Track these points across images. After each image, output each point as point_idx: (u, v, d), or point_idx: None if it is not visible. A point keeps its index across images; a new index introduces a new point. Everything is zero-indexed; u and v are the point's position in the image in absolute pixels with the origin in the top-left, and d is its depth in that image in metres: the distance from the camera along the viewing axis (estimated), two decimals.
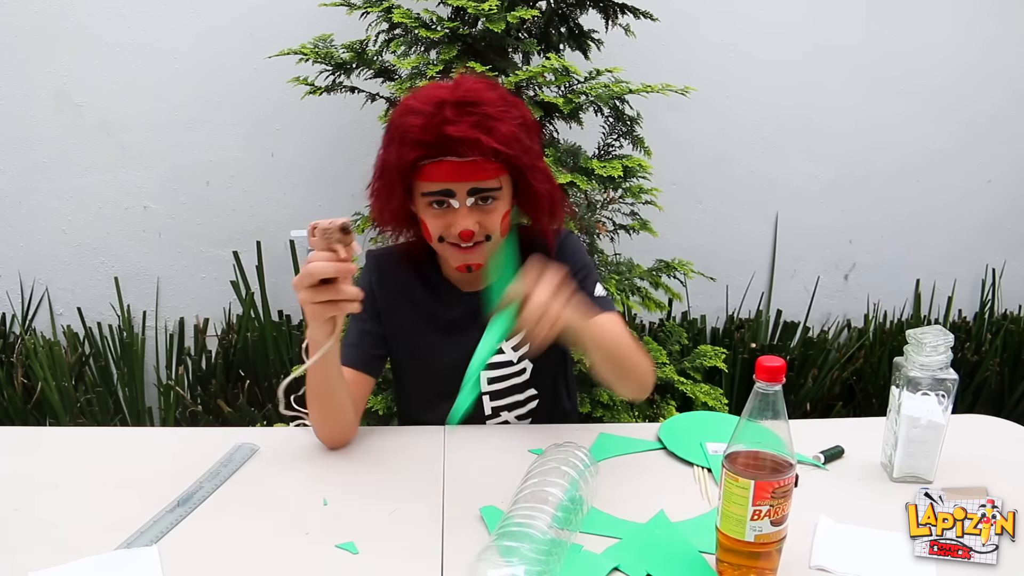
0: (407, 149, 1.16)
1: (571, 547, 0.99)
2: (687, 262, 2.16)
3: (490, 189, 1.18)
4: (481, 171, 1.16)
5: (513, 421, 1.38)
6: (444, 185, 1.17)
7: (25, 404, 2.31)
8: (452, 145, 1.13)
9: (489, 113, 1.14)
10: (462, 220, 1.18)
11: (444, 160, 1.15)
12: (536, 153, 1.21)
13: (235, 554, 0.98)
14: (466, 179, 1.16)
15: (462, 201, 1.18)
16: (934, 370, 1.10)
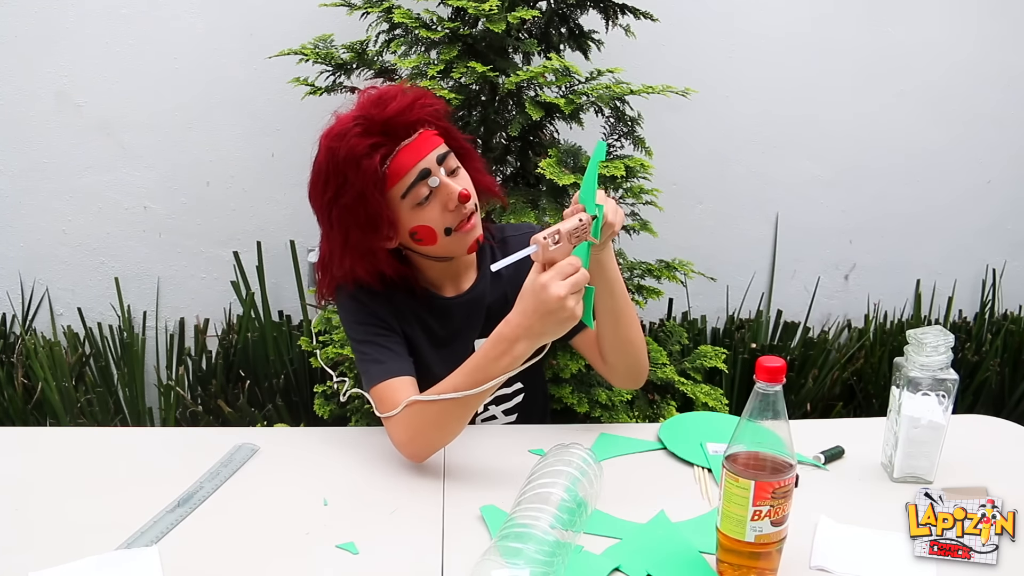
0: (366, 162, 1.13)
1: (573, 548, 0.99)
2: (687, 262, 2.16)
3: (447, 152, 1.19)
4: (430, 141, 1.17)
5: (500, 416, 1.38)
6: (417, 167, 1.15)
7: (25, 404, 2.31)
8: (395, 127, 1.14)
9: (399, 90, 1.18)
10: (452, 187, 1.17)
11: (399, 147, 1.15)
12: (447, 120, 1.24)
13: (235, 554, 0.98)
14: (427, 151, 1.16)
15: (438, 173, 1.17)
16: (934, 370, 1.10)
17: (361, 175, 1.14)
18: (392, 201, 1.17)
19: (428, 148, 1.17)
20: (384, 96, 1.17)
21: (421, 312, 1.30)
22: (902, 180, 2.72)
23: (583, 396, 1.94)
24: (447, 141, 1.21)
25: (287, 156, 2.47)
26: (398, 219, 1.18)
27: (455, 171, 1.20)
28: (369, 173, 1.13)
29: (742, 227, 2.71)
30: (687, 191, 2.62)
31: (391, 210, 1.17)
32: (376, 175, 1.14)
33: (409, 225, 1.19)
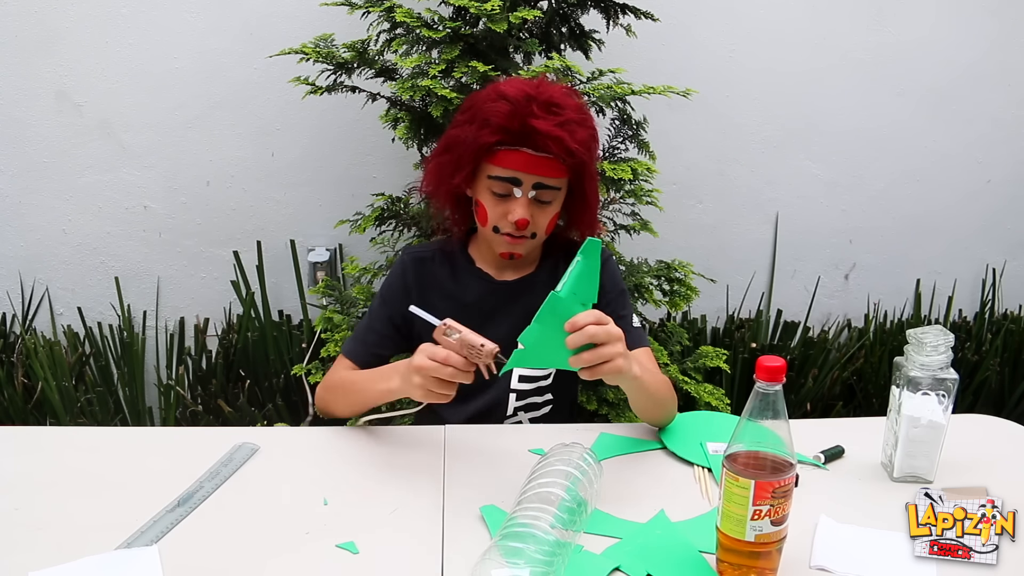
0: (488, 132, 1.22)
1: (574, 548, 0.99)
2: (687, 263, 2.16)
3: (552, 188, 1.25)
4: (551, 168, 1.23)
5: (526, 423, 1.39)
6: (514, 173, 1.23)
7: (25, 404, 2.31)
8: (533, 137, 1.20)
9: (571, 118, 1.21)
10: (520, 209, 1.24)
11: (520, 150, 1.22)
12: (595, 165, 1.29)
13: (235, 554, 0.98)
14: (536, 172, 1.23)
15: (525, 192, 1.24)
16: (934, 370, 1.10)
17: (476, 132, 1.23)
18: (482, 170, 1.26)
19: (540, 171, 1.23)
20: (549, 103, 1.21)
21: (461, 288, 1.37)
22: (902, 180, 2.72)
23: (591, 393, 1.95)
24: (571, 179, 1.27)
25: (287, 156, 2.47)
26: (477, 185, 1.28)
27: (545, 204, 1.26)
28: (480, 138, 1.23)
29: (742, 227, 2.71)
30: (687, 191, 2.62)
31: (476, 174, 1.27)
32: (482, 146, 1.23)
33: (478, 195, 1.29)
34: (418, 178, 2.21)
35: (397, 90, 1.89)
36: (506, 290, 1.36)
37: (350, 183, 2.46)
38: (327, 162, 2.49)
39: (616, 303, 1.33)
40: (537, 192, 1.24)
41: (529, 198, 1.24)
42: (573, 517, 0.97)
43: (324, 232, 2.44)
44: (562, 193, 1.28)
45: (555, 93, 1.23)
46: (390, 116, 2.03)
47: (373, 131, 2.34)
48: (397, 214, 2.10)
